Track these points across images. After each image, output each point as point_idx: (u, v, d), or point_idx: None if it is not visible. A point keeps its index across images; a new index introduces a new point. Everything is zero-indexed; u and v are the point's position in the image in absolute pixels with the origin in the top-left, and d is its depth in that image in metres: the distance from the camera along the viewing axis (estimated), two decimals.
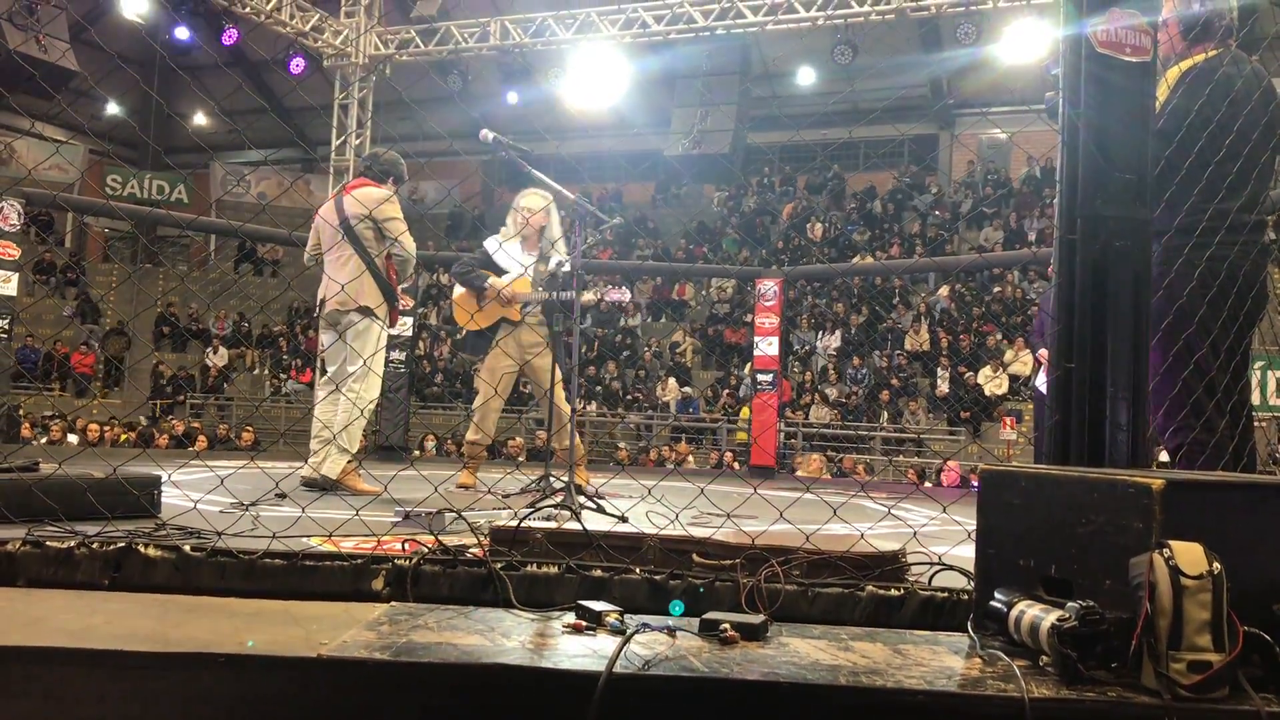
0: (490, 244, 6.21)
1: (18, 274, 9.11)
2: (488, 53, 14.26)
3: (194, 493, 3.92)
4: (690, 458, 14.95)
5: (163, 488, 3.87)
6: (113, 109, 24.06)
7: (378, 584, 2.67)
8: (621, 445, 15.91)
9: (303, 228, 6.10)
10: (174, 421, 16.98)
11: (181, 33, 14.15)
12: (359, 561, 2.71)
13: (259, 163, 23.51)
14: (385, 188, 5.75)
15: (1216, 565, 1.89)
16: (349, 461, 5.44)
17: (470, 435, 6.22)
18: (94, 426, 13.85)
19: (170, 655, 2.05)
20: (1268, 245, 3.70)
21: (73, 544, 2.70)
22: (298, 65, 14.31)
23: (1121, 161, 2.77)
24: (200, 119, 24.65)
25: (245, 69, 22.63)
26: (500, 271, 6.10)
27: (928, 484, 12.29)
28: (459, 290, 6.21)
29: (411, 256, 5.64)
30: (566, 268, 6.07)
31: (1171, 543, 1.91)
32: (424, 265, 14.65)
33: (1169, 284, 3.28)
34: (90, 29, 15.74)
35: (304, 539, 3.01)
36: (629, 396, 18.18)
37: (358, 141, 14.42)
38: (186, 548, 2.73)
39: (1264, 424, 10.07)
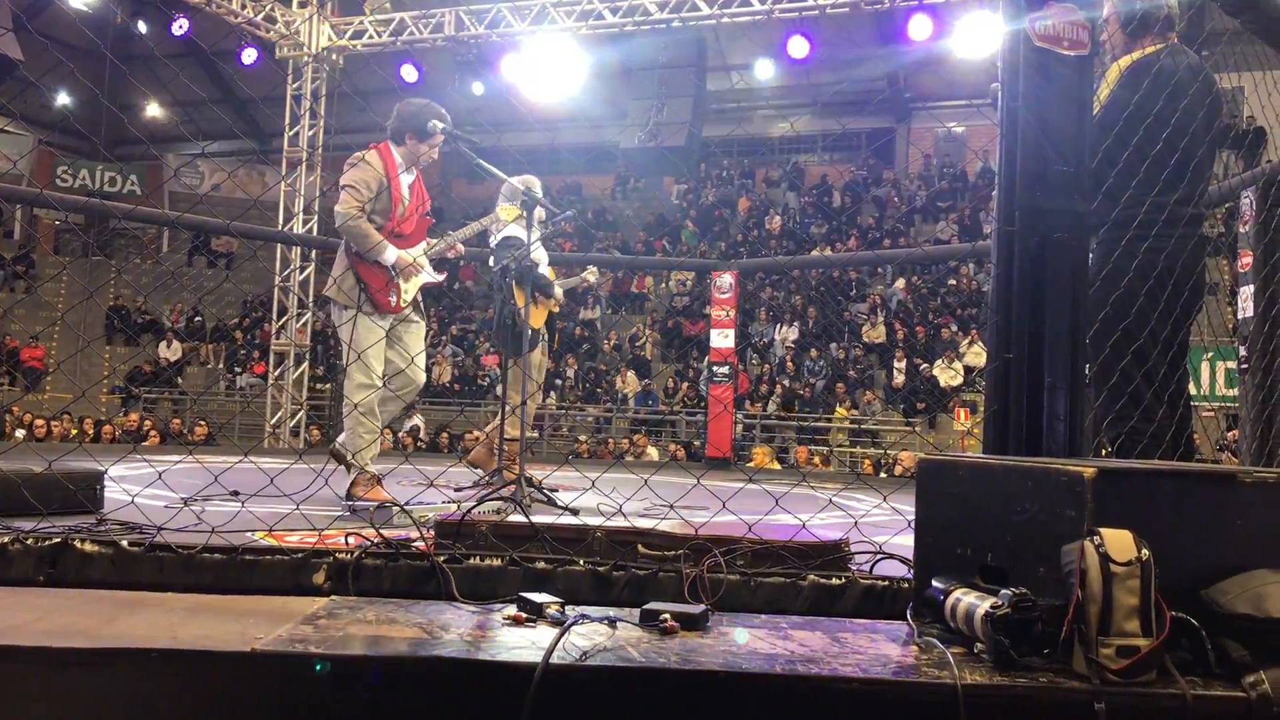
0: (519, 234, 5.92)
1: None
2: (442, 43, 14.16)
3: (138, 487, 3.87)
4: (650, 450, 14.95)
5: (106, 483, 3.82)
6: (63, 99, 23.66)
7: (319, 578, 2.65)
8: (581, 439, 15.89)
9: (257, 219, 5.95)
10: (127, 415, 16.76)
11: (132, 23, 13.90)
12: (300, 555, 2.68)
13: (212, 154, 23.24)
14: (402, 147, 4.95)
15: (1145, 552, 1.92)
16: (359, 472, 4.81)
17: (511, 430, 6.12)
18: (39, 421, 13.62)
19: (103, 651, 2.02)
20: (1205, 237, 3.77)
21: (7, 540, 2.66)
22: (250, 56, 14.13)
23: (1060, 154, 2.80)
24: (153, 110, 24.29)
25: (198, 60, 22.34)
26: (537, 266, 5.93)
27: (883, 474, 12.37)
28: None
29: (342, 222, 4.78)
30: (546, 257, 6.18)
31: (1102, 530, 1.94)
32: None
33: (1107, 275, 3.32)
34: (28, 25, 15.47)
35: (246, 533, 2.98)
36: (590, 390, 18.17)
37: (310, 132, 14.27)
38: (124, 543, 2.70)
39: (1212, 414, 10.23)
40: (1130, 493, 2.10)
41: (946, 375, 15.98)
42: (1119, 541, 1.93)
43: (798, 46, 12.76)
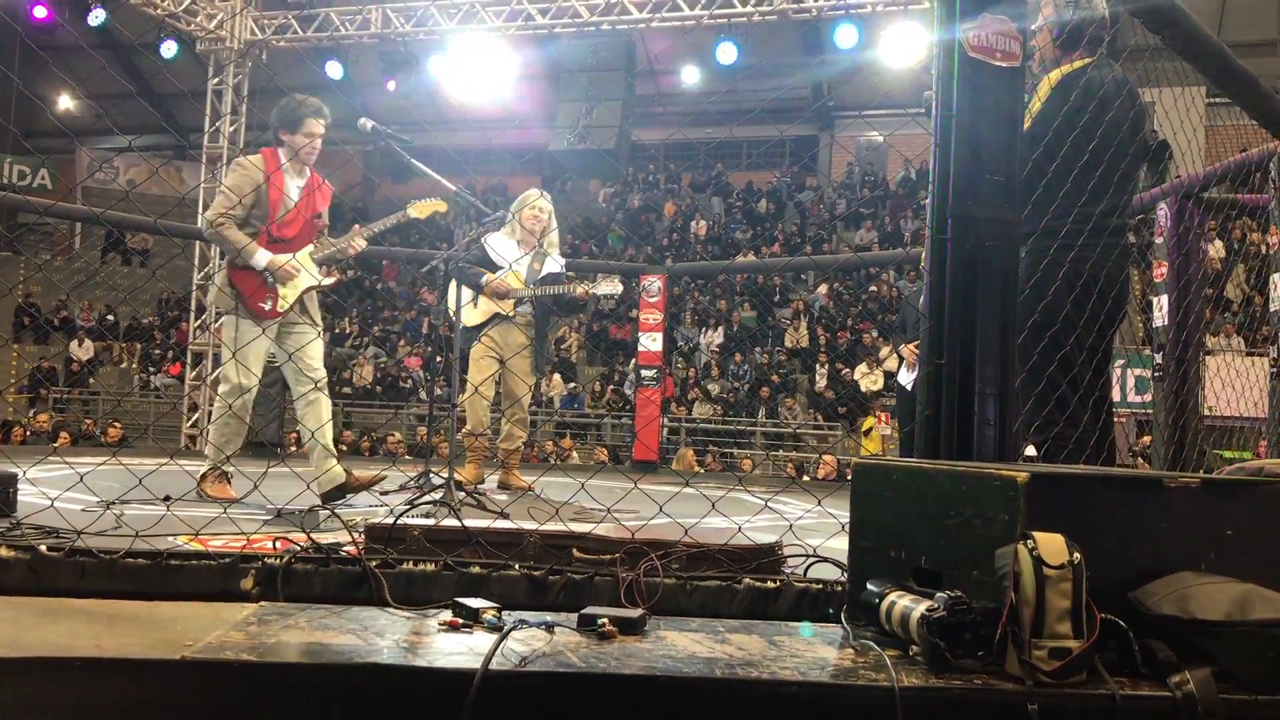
0: (491, 240, 6.16)
1: None
2: (368, 40, 13.98)
3: (54, 491, 3.75)
4: (574, 453, 14.92)
5: (19, 486, 3.69)
6: None
7: (247, 583, 2.60)
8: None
9: (173, 215, 5.81)
10: (36, 416, 16.26)
11: (40, 11, 13.48)
12: (227, 560, 2.63)
13: (127, 149, 22.64)
14: (282, 146, 4.97)
15: (1077, 555, 1.96)
16: (209, 467, 4.91)
17: (465, 429, 6.15)
18: None
19: (23, 660, 1.95)
20: (1128, 247, 3.86)
21: None
22: (170, 49, 13.81)
23: (992, 164, 2.85)
24: (65, 102, 23.63)
25: (114, 51, 21.79)
26: (495, 268, 6.11)
27: (805, 477, 12.49)
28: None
29: (206, 228, 4.83)
30: (557, 268, 6.22)
31: (1035, 534, 1.97)
32: None
33: (1036, 283, 3.39)
34: None
35: (169, 538, 2.90)
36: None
37: (231, 128, 13.99)
38: (42, 547, 2.62)
39: (1123, 420, 10.50)
40: (1061, 497, 2.14)
41: (867, 380, 16.20)
42: (1051, 545, 1.97)
43: (726, 53, 12.84)
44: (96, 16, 13.39)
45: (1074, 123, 3.43)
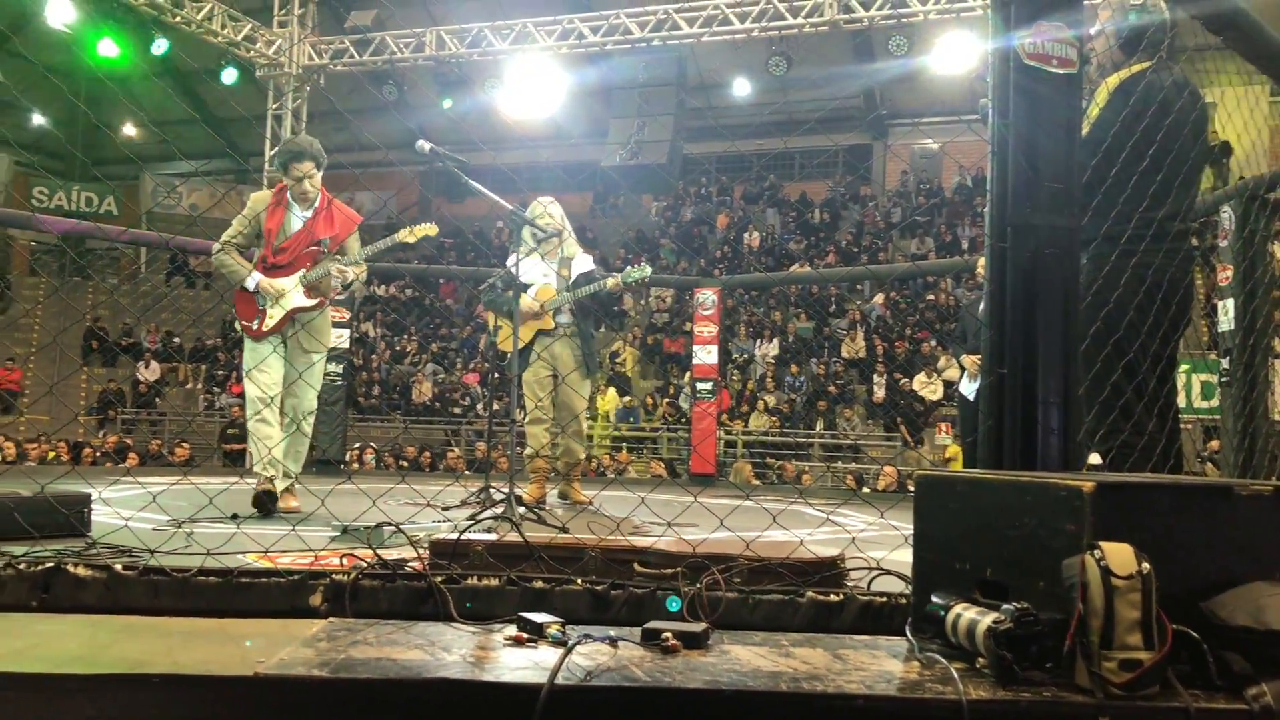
0: (511, 262, 6.16)
1: None
2: (424, 63, 14.16)
3: (125, 510, 3.84)
4: (631, 467, 14.94)
5: (93, 505, 3.79)
6: (39, 119, 23.52)
7: (315, 600, 2.64)
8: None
9: None
10: (106, 437, 16.62)
11: (108, 46, 13.82)
12: (296, 577, 2.67)
13: (190, 174, 23.13)
14: (283, 185, 5.36)
15: (1145, 565, 1.93)
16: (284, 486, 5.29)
17: (527, 451, 6.19)
18: (9, 445, 13.47)
19: (102, 677, 2.00)
20: (1192, 251, 3.80)
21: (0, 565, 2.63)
22: (230, 75, 14.10)
23: (1050, 171, 2.83)
24: (130, 130, 24.19)
25: (176, 79, 22.28)
26: (526, 287, 6.08)
27: (865, 489, 12.40)
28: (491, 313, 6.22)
29: (212, 255, 5.30)
30: (587, 266, 6.18)
31: (1102, 544, 1.95)
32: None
33: (1097, 290, 3.35)
34: (14, 38, 15.39)
35: (239, 555, 2.96)
36: None
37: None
38: (118, 567, 2.68)
39: (1189, 426, 10.31)
40: (1128, 506, 2.11)
41: (927, 390, 16.05)
42: (1119, 555, 1.94)
43: (777, 64, 12.85)
44: (159, 45, 13.70)
45: (1134, 127, 3.39)
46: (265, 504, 4.98)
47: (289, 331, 5.27)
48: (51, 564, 2.65)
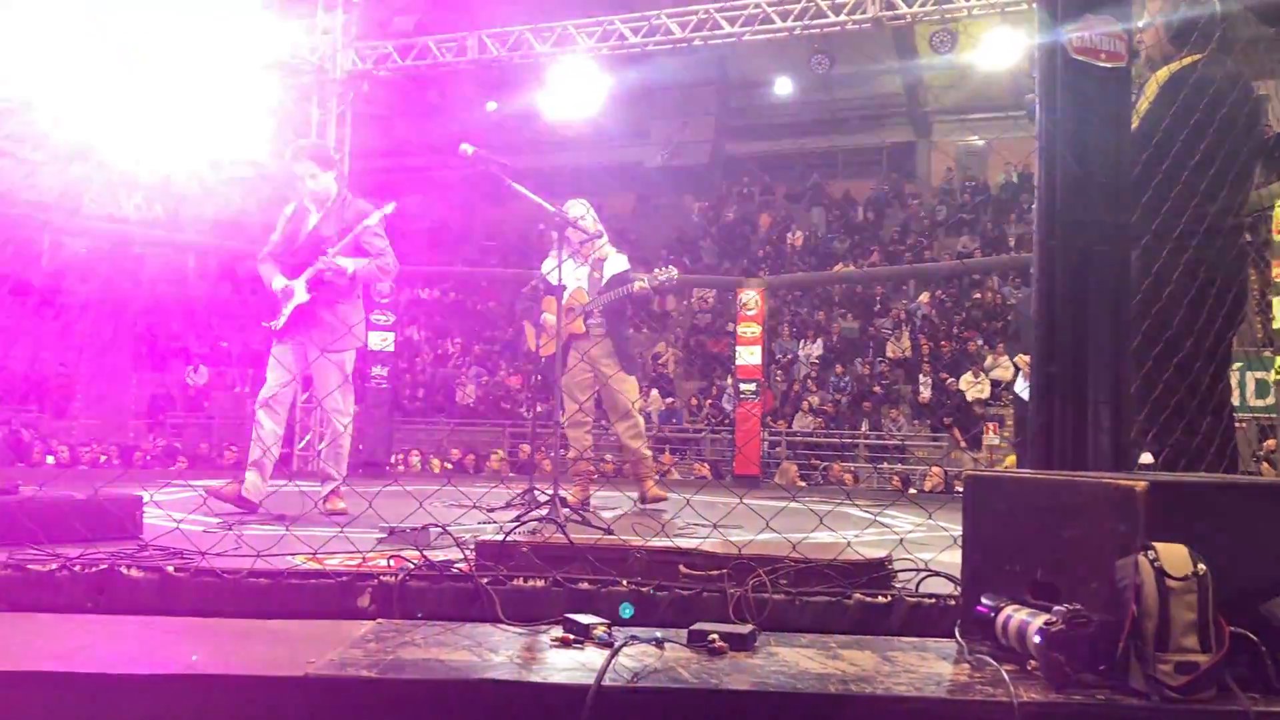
0: (548, 266, 6.17)
1: None
2: (465, 67, 14.23)
3: (176, 513, 3.89)
4: (674, 470, 14.92)
5: (144, 508, 3.84)
6: None
7: (364, 601, 2.66)
8: (607, 457, 15.87)
9: None
10: (156, 440, 16.87)
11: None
12: (344, 579, 2.69)
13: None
14: None
15: (1201, 566, 1.90)
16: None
17: (571, 454, 6.21)
18: (63, 448, 13.71)
19: (156, 677, 2.03)
20: (1245, 247, 3.73)
21: (55, 567, 2.68)
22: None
23: (1099, 167, 2.79)
24: None
25: None
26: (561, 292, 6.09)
27: (912, 490, 12.30)
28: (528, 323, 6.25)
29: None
30: (620, 266, 6.15)
31: (1156, 545, 1.92)
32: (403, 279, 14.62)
33: (1149, 287, 3.30)
34: None
35: (288, 557, 2.99)
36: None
37: (336, 157, 14.35)
38: (169, 568, 2.72)
39: (1243, 425, 10.13)
40: (1182, 506, 2.08)
41: (974, 390, 15.89)
42: (1174, 556, 1.91)
43: (819, 63, 12.79)
44: None
45: (1185, 121, 3.33)
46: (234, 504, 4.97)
47: (307, 331, 5.29)
48: (105, 566, 2.69)
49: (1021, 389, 6.57)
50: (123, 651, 2.24)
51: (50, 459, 13.60)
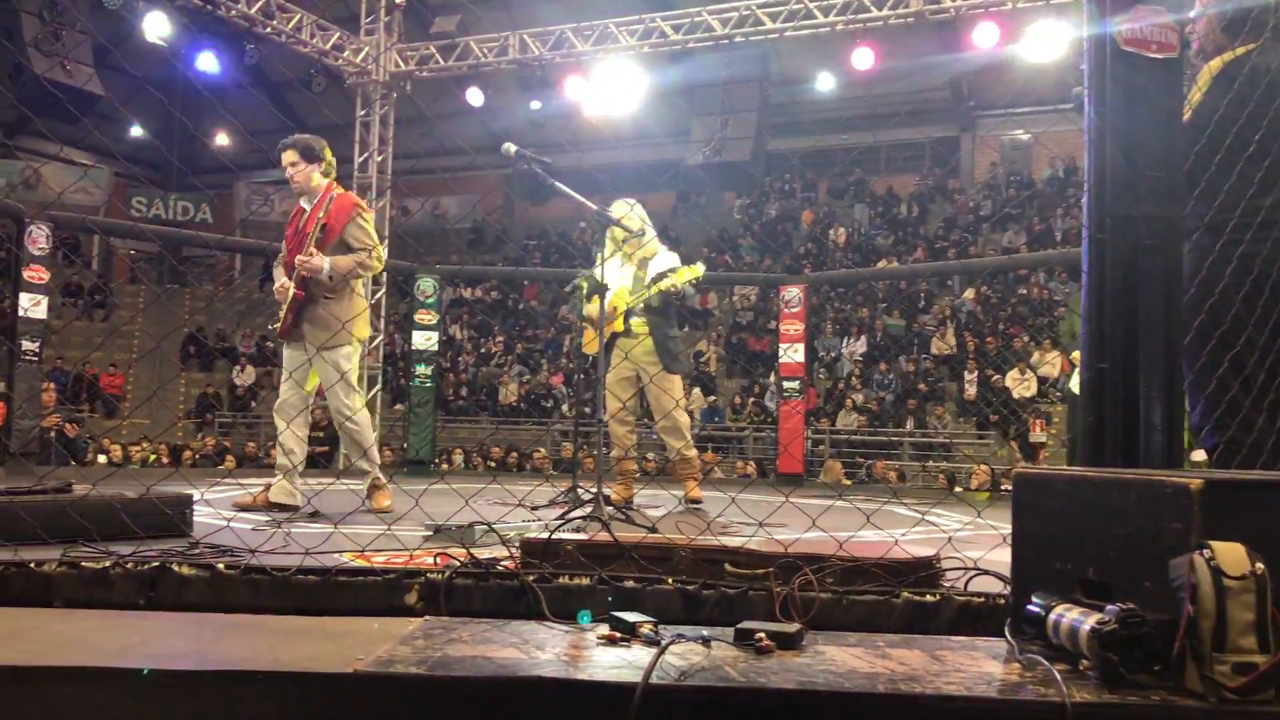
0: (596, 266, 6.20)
1: (47, 297, 9.19)
2: (507, 66, 14.30)
3: (226, 511, 3.94)
4: (717, 468, 14.89)
5: (195, 506, 3.89)
6: (136, 131, 24.27)
7: (411, 598, 2.68)
8: (649, 456, 15.88)
9: None
10: (204, 439, 17.09)
11: (207, 63, 14.20)
12: (392, 576, 2.71)
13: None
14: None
15: (1259, 565, 1.86)
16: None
17: (613, 453, 6.23)
18: (115, 447, 13.92)
19: (207, 673, 2.05)
20: None
21: (108, 564, 2.72)
22: (319, 84, 14.38)
23: (1149, 160, 2.75)
24: (223, 139, 24.81)
25: (267, 89, 22.79)
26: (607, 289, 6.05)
27: (958, 489, 12.20)
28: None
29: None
30: (665, 264, 6.12)
31: (1212, 543, 1.89)
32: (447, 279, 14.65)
33: (1201, 281, 3.24)
34: (115, 52, 15.89)
35: (336, 554, 3.02)
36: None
37: (380, 158, 14.48)
38: (220, 566, 2.75)
39: None
40: (1239, 504, 2.04)
41: (1020, 387, 15.72)
42: (1231, 554, 1.88)
43: (862, 58, 12.71)
44: (251, 55, 14.05)
45: (1238, 112, 3.27)
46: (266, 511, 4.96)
47: (302, 329, 5.27)
48: (157, 564, 2.73)
49: (1077, 385, 6.48)
50: (174, 648, 2.27)
51: (102, 458, 13.82)
